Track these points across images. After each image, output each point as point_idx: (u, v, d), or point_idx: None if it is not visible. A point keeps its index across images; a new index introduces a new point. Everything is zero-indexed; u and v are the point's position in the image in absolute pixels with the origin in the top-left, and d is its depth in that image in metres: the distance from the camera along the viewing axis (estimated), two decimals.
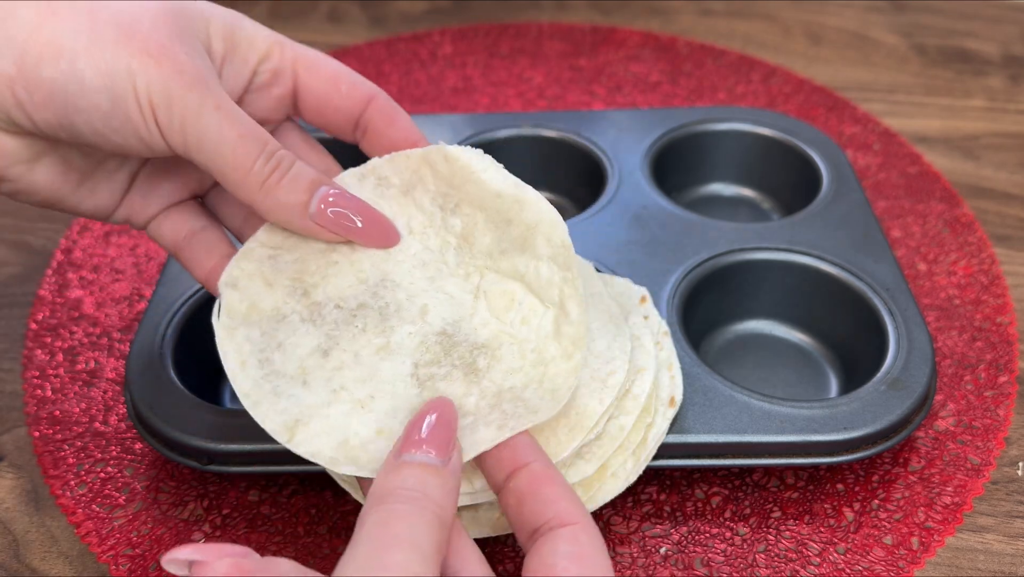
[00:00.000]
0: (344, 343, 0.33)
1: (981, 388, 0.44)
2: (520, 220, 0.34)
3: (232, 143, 0.30)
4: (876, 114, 0.64)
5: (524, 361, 0.33)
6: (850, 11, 0.77)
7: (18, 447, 0.42)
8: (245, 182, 0.31)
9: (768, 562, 0.37)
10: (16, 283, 0.52)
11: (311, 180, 0.32)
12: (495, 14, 0.77)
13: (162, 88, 0.29)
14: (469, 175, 0.34)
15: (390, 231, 0.34)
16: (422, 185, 0.35)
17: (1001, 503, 0.40)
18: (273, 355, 0.32)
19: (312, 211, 0.32)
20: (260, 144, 0.31)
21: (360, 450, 0.31)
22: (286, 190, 0.31)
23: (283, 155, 0.32)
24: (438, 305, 0.34)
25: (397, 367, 0.33)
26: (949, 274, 0.51)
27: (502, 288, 0.34)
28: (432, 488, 0.27)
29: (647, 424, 0.35)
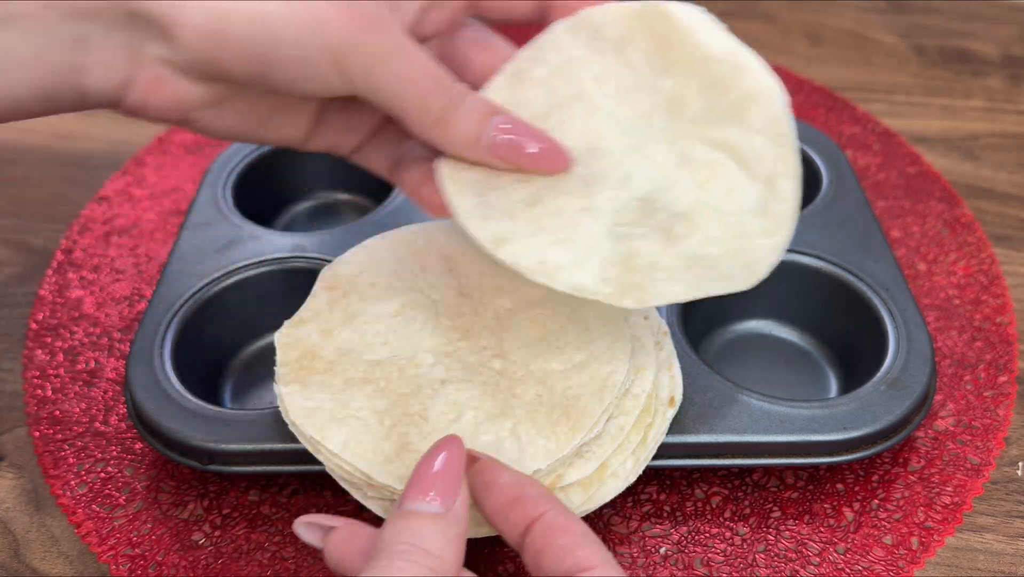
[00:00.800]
0: (548, 200, 0.34)
1: (981, 388, 0.44)
2: (736, 88, 0.33)
3: (409, 83, 0.31)
4: (876, 114, 0.64)
5: (723, 232, 0.32)
6: (850, 11, 0.77)
7: (18, 447, 0.43)
8: (420, 120, 0.32)
9: (768, 562, 0.37)
10: (16, 283, 0.52)
11: (483, 112, 0.33)
12: None
13: (348, 35, 0.30)
14: (686, 36, 0.34)
15: (560, 158, 0.34)
16: (634, 43, 0.35)
17: (1001, 503, 0.40)
18: (488, 192, 0.34)
19: (484, 142, 0.33)
20: (435, 81, 0.32)
21: (556, 270, 0.32)
22: (457, 125, 0.32)
23: (457, 91, 0.32)
24: (641, 173, 0.34)
25: (596, 225, 0.33)
26: (948, 274, 0.51)
27: (708, 158, 0.33)
28: (430, 540, 0.28)
29: (647, 424, 0.36)
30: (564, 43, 0.36)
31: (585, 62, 0.35)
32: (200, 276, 0.44)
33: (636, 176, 0.34)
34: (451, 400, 0.34)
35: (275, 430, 0.37)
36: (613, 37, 0.35)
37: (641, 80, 0.35)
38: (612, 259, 0.32)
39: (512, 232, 0.33)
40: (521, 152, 0.33)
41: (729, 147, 0.33)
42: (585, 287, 0.32)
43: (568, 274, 0.32)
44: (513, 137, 0.33)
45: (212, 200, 0.50)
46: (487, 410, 0.34)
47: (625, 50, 0.35)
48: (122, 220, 0.55)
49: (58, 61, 0.30)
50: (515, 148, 0.33)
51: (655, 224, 0.33)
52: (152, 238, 0.54)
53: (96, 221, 0.55)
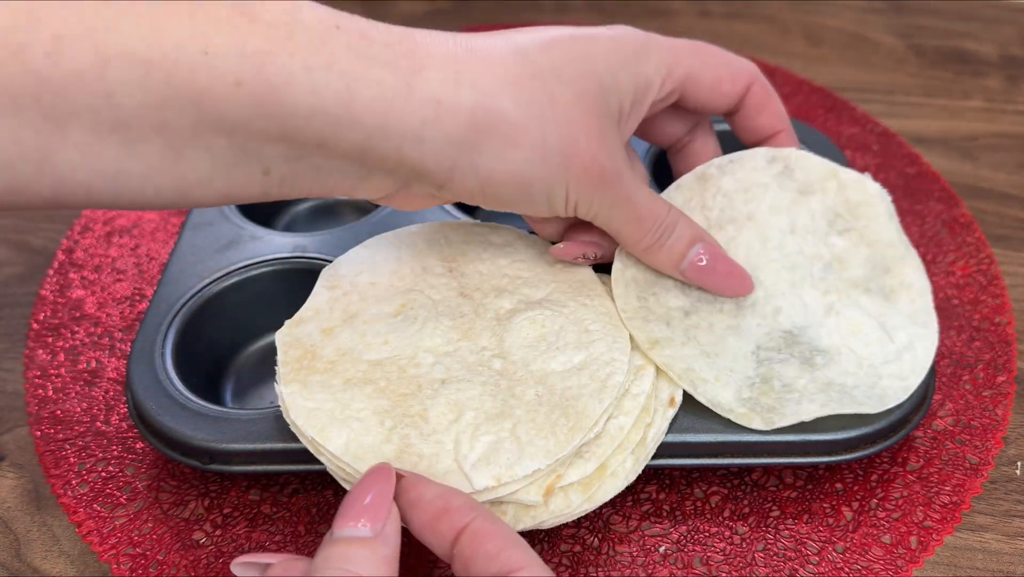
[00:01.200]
0: (703, 313, 0.38)
1: (979, 388, 0.44)
2: (898, 274, 0.39)
3: (631, 225, 0.37)
4: (875, 115, 0.64)
5: (859, 369, 0.37)
6: (849, 12, 0.77)
7: (19, 446, 0.43)
8: (633, 247, 0.38)
9: (767, 561, 0.37)
10: (17, 283, 0.52)
11: (687, 241, 0.38)
12: (495, 15, 0.77)
13: (587, 194, 0.35)
14: (870, 211, 0.39)
15: (746, 284, 0.39)
16: (822, 194, 0.40)
17: (999, 502, 0.40)
18: (649, 297, 0.38)
19: (683, 268, 0.38)
20: (651, 222, 0.37)
21: (700, 382, 0.36)
22: (663, 253, 0.38)
23: (667, 225, 0.37)
24: (790, 309, 0.39)
25: (742, 345, 0.38)
26: (947, 274, 0.51)
27: (856, 316, 0.38)
28: (361, 563, 0.28)
29: (646, 424, 0.36)
30: (758, 166, 0.40)
31: (769, 190, 0.39)
32: (201, 276, 0.45)
33: (785, 311, 0.39)
34: (451, 400, 0.35)
35: (276, 430, 0.37)
36: (802, 180, 0.39)
37: (815, 228, 0.39)
38: (752, 379, 0.37)
39: (667, 338, 0.37)
40: (711, 279, 0.38)
41: (877, 315, 0.38)
42: (721, 404, 0.36)
43: (709, 388, 0.36)
44: (707, 266, 0.38)
45: None
46: (487, 410, 0.34)
47: (809, 197, 0.39)
48: (123, 220, 0.55)
49: (338, 188, 0.34)
50: (707, 275, 0.38)
51: (797, 353, 0.38)
52: (153, 238, 0.54)
53: (97, 221, 0.55)
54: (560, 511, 0.34)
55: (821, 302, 0.38)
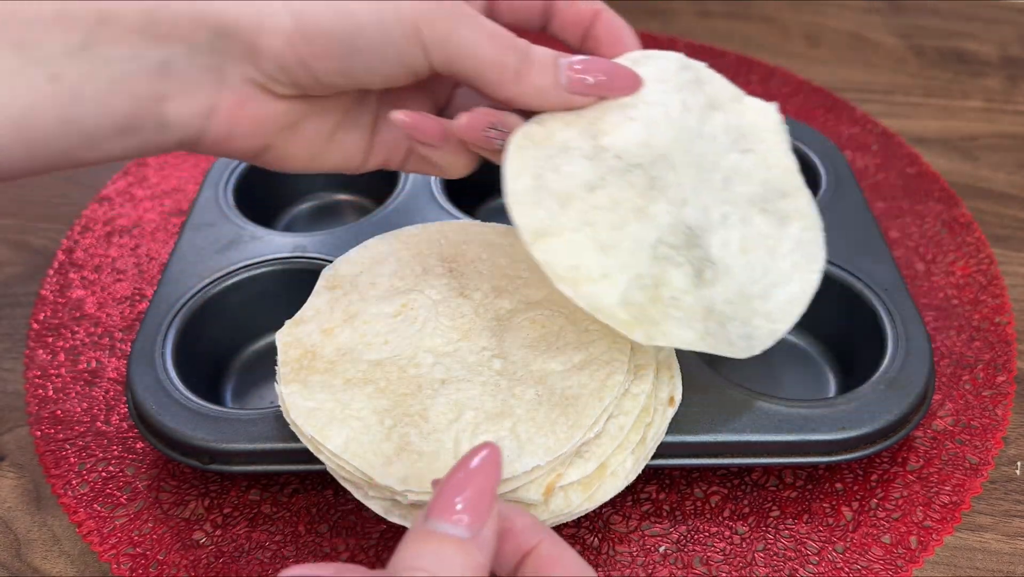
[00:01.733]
0: (610, 188, 0.34)
1: (979, 388, 0.44)
2: (794, 201, 0.37)
3: (487, 45, 0.32)
4: (875, 115, 0.64)
5: (739, 298, 0.35)
6: (849, 12, 0.77)
7: (20, 446, 0.43)
8: (502, 78, 0.33)
9: (767, 561, 0.37)
10: (18, 283, 0.52)
11: (552, 58, 0.34)
12: None
13: (423, 10, 0.31)
14: (773, 137, 0.38)
15: (634, 79, 0.35)
16: (727, 113, 0.38)
17: (999, 502, 0.40)
18: (548, 174, 0.34)
19: (564, 83, 0.34)
20: (506, 40, 0.33)
21: (584, 281, 0.33)
22: (534, 75, 0.33)
23: (524, 45, 0.33)
24: (696, 204, 0.36)
25: (644, 232, 0.34)
26: (947, 274, 0.51)
27: (748, 232, 0.36)
28: (453, 566, 0.25)
29: (646, 424, 0.36)
30: (671, 68, 0.38)
31: (682, 90, 0.37)
32: (201, 276, 0.45)
33: (691, 205, 0.36)
34: (451, 400, 0.35)
35: (276, 430, 0.37)
36: (711, 94, 0.38)
37: (719, 141, 0.37)
38: (643, 280, 0.33)
39: (557, 224, 0.33)
40: (597, 83, 0.34)
41: (768, 236, 0.36)
42: (603, 307, 0.32)
43: (594, 288, 0.33)
44: (586, 73, 0.34)
45: (213, 200, 0.50)
46: (487, 410, 0.34)
47: (716, 111, 0.38)
48: (123, 220, 0.55)
49: (140, 89, 0.29)
50: (591, 81, 0.34)
51: (693, 258, 0.35)
52: (153, 238, 0.54)
53: (97, 221, 0.55)
54: (560, 510, 0.34)
55: (718, 211, 0.36)
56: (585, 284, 0.32)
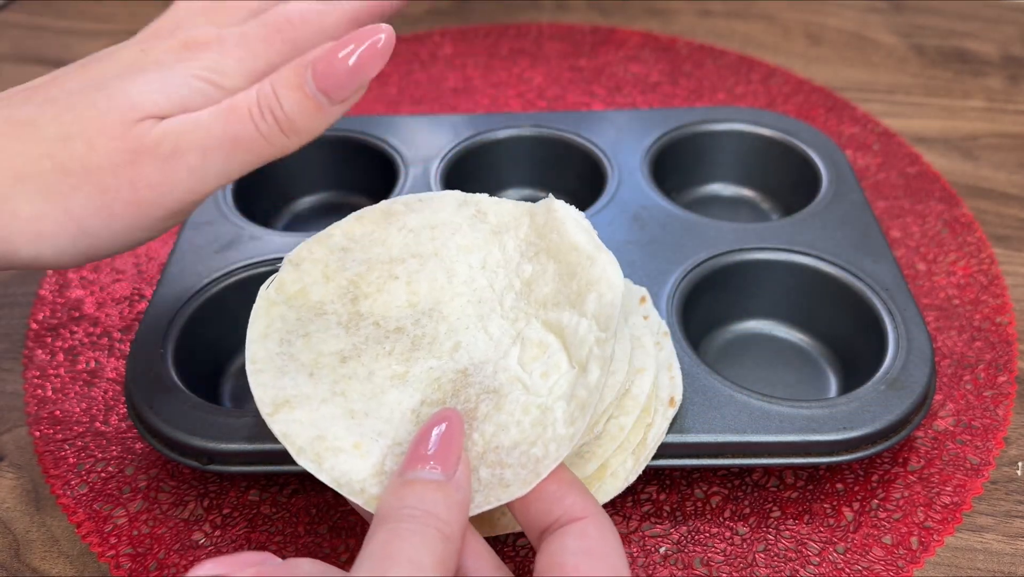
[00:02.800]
0: (365, 358, 0.33)
1: (980, 388, 0.44)
2: (583, 275, 0.33)
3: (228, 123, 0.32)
4: (875, 114, 0.64)
5: (525, 417, 0.31)
6: (849, 11, 0.77)
7: (19, 447, 0.43)
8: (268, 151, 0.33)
9: (768, 561, 0.37)
10: (17, 283, 0.52)
11: (294, 78, 0.32)
12: (495, 15, 0.77)
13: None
14: (557, 225, 0.35)
15: (375, 30, 0.32)
16: (515, 231, 0.36)
17: (1000, 503, 0.40)
18: (296, 340, 0.33)
19: (308, 87, 0.32)
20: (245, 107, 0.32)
21: (330, 453, 0.30)
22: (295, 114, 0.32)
23: (260, 93, 0.32)
24: (473, 343, 0.34)
25: (404, 398, 0.32)
26: (948, 274, 0.51)
27: (539, 338, 0.33)
28: (436, 504, 0.27)
29: (647, 424, 0.35)
30: (447, 207, 0.36)
31: (459, 231, 0.36)
32: (200, 276, 0.44)
33: (465, 345, 0.34)
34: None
35: None
36: (494, 222, 0.36)
37: (508, 262, 0.35)
38: (403, 447, 0.31)
39: (303, 395, 0.31)
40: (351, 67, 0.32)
41: (559, 329, 0.33)
42: (350, 483, 0.30)
43: (341, 460, 0.30)
44: (328, 67, 0.31)
45: (212, 200, 0.50)
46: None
47: (503, 235, 0.36)
48: None
49: None
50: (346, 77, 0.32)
51: (463, 401, 0.32)
52: None
53: None
54: None
55: (509, 331, 0.34)
56: (330, 457, 0.30)
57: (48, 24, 0.77)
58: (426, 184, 0.50)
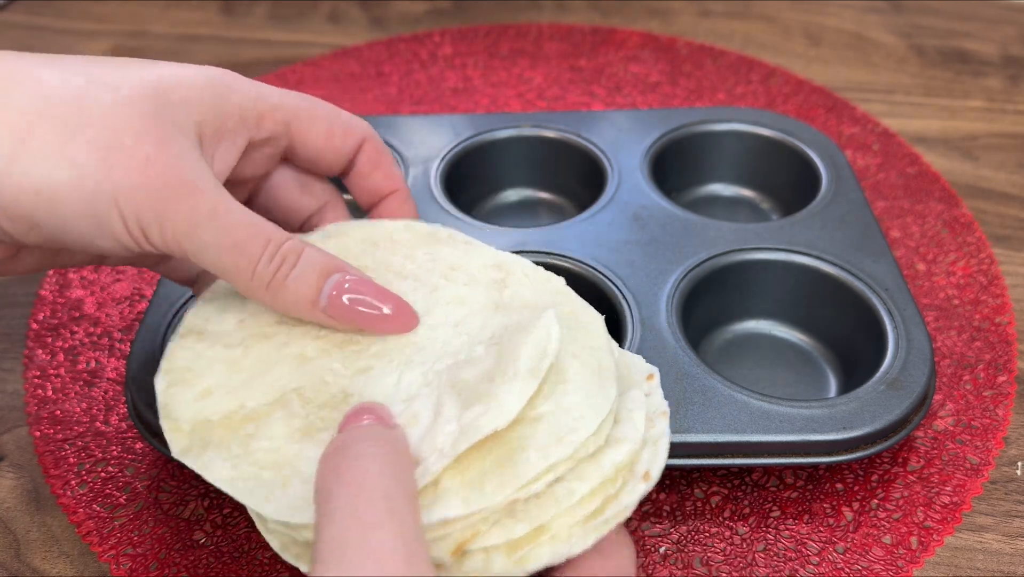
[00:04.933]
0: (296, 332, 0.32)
1: (980, 388, 0.44)
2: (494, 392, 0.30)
3: (231, 250, 0.29)
4: (875, 114, 0.64)
5: None
6: (849, 12, 0.77)
7: (19, 447, 0.43)
8: (250, 285, 0.30)
9: (767, 561, 0.37)
10: (17, 283, 0.52)
11: (321, 271, 0.31)
12: (495, 15, 0.77)
13: (150, 209, 0.28)
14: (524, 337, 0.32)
15: (409, 317, 0.32)
16: (508, 318, 0.34)
17: (1000, 503, 0.40)
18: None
19: (323, 304, 0.31)
20: (262, 245, 0.30)
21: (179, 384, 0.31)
22: (293, 287, 0.30)
23: (289, 249, 0.30)
24: (378, 379, 0.31)
25: (287, 376, 0.32)
26: (948, 274, 0.51)
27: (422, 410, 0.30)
28: (385, 441, 0.26)
29: (608, 495, 0.30)
30: (482, 259, 0.36)
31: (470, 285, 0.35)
32: None
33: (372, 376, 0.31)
34: None
35: None
36: (504, 300, 0.35)
37: (477, 337, 0.33)
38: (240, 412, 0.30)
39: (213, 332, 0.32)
40: (363, 314, 0.31)
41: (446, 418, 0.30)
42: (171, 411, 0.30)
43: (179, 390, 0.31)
44: (354, 296, 0.31)
45: None
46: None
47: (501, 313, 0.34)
48: None
49: None
50: (357, 311, 0.31)
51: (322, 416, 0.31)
52: None
53: None
54: (476, 572, 0.28)
55: (413, 390, 0.31)
56: (177, 386, 0.30)
57: (48, 24, 0.77)
58: (426, 184, 0.50)
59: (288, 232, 0.31)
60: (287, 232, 0.31)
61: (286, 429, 0.30)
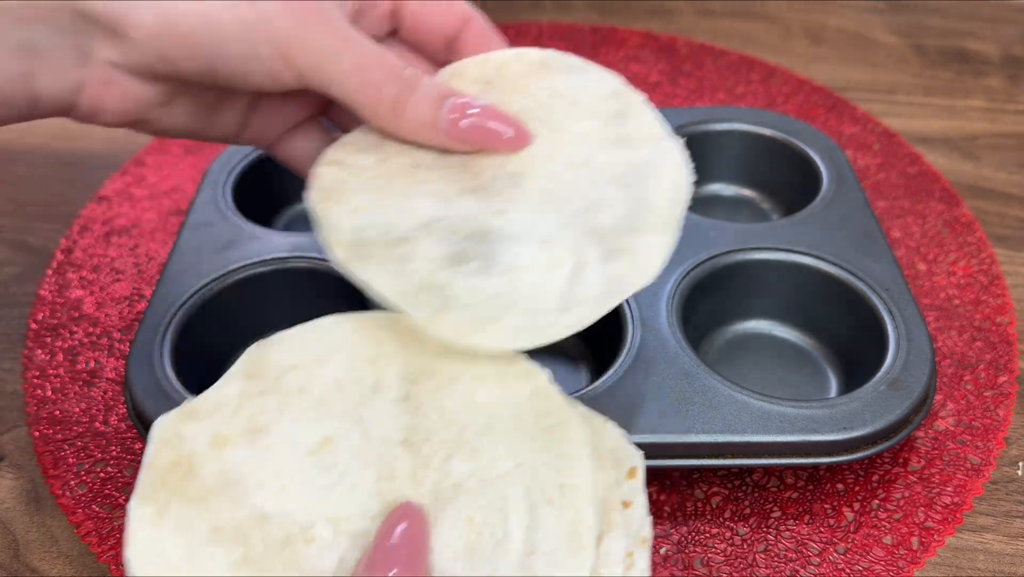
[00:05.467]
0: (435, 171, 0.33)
1: (981, 388, 0.44)
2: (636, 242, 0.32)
3: (360, 73, 0.32)
4: (876, 114, 0.64)
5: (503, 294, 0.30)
6: (850, 11, 0.77)
7: (18, 447, 0.43)
8: (377, 109, 0.32)
9: (768, 562, 0.37)
10: (16, 283, 0.52)
11: (438, 94, 0.33)
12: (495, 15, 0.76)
13: (294, 30, 0.31)
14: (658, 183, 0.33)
15: (522, 133, 0.34)
16: (632, 152, 0.34)
17: (1001, 503, 0.40)
18: None
19: (440, 125, 0.33)
20: (387, 69, 0.32)
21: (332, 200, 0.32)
22: (413, 110, 0.32)
23: (410, 75, 0.32)
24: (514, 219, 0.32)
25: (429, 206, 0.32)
26: (949, 274, 0.51)
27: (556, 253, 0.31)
28: None
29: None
30: (599, 91, 0.36)
31: (595, 118, 0.35)
32: (200, 276, 0.44)
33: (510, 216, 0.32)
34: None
35: None
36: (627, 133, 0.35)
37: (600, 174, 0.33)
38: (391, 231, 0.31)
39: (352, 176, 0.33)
40: (479, 132, 0.33)
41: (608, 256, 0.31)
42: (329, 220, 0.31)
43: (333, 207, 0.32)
44: (470, 119, 0.33)
45: (212, 200, 0.50)
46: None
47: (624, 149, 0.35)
48: (122, 220, 0.55)
49: (6, 68, 0.30)
50: (474, 129, 0.33)
51: (466, 246, 0.31)
52: (152, 238, 0.54)
53: (96, 221, 0.55)
54: None
55: (549, 228, 0.31)
56: (330, 202, 0.32)
57: None
58: None
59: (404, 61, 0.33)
60: (405, 62, 0.33)
61: (436, 253, 0.31)
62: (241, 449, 0.29)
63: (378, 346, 0.31)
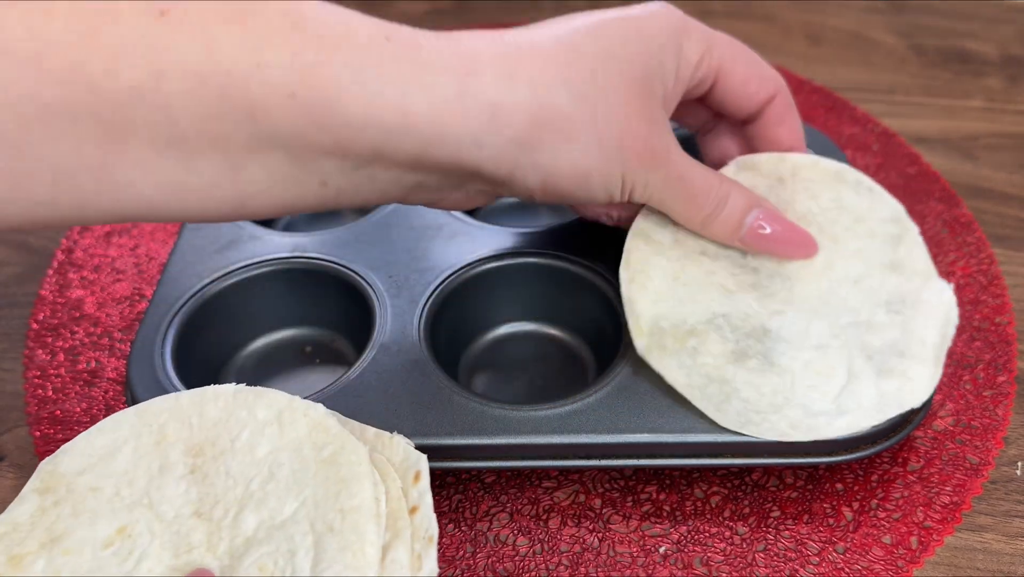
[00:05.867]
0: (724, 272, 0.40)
1: (980, 388, 0.44)
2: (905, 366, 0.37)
3: (686, 203, 0.37)
4: (875, 114, 0.64)
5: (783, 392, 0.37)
6: (849, 12, 0.77)
7: (19, 447, 0.43)
8: (690, 220, 0.38)
9: (767, 561, 0.37)
10: (17, 283, 0.52)
11: (745, 206, 0.38)
12: (495, 15, 0.77)
13: (642, 176, 0.36)
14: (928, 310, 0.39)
15: (810, 245, 0.39)
16: (904, 280, 0.39)
17: (1000, 503, 0.40)
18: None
19: (742, 235, 0.38)
20: (705, 194, 0.37)
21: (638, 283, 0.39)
22: (723, 223, 0.38)
23: (722, 193, 0.37)
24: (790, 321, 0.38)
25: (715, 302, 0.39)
26: (948, 274, 0.51)
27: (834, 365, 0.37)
28: None
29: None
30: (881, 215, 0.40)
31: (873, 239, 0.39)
32: (201, 276, 0.44)
33: (788, 317, 0.38)
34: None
35: None
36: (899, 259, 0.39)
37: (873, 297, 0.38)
38: (682, 325, 0.37)
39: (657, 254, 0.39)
40: (772, 244, 0.38)
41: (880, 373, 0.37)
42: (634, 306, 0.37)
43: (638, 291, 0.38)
44: (768, 232, 0.38)
45: None
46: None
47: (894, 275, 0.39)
48: None
49: (392, 195, 0.34)
50: (768, 240, 0.38)
51: (747, 345, 0.37)
52: (153, 238, 0.54)
53: None
54: None
55: (817, 337, 0.37)
56: (637, 283, 0.37)
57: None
58: None
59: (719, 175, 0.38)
60: (720, 176, 0.38)
61: (721, 349, 0.37)
62: (39, 560, 0.29)
63: (161, 429, 0.32)
